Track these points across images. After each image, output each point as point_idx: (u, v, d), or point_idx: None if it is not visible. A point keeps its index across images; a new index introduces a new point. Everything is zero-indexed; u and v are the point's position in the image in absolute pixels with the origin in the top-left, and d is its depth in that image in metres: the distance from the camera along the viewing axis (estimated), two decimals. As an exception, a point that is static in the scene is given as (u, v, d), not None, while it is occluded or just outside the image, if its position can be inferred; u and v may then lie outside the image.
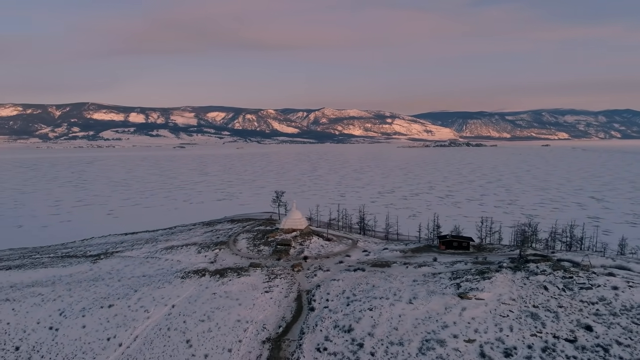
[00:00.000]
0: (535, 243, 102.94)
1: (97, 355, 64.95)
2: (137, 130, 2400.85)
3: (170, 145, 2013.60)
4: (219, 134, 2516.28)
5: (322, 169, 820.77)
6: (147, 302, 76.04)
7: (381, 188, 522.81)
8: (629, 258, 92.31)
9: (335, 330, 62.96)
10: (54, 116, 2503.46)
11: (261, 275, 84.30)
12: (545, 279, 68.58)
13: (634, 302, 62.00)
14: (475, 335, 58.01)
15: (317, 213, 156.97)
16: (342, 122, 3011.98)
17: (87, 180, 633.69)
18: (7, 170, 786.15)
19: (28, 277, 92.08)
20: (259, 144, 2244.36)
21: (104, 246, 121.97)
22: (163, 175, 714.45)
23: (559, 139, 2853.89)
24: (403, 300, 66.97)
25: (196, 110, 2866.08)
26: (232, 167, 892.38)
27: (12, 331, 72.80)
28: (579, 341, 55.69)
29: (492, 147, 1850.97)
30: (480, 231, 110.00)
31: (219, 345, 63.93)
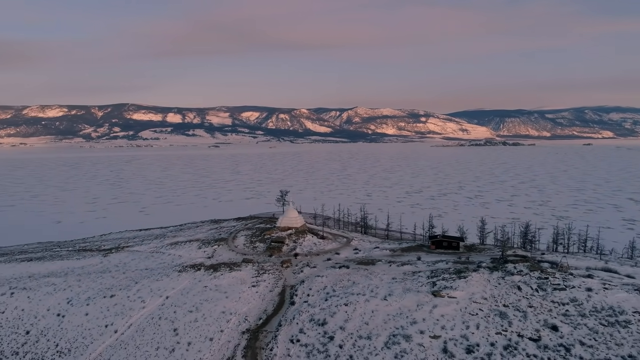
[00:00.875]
0: (528, 244, 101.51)
1: (95, 340, 70.45)
2: (174, 130, 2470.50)
3: (205, 145, 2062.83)
4: (252, 134, 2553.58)
5: (352, 169, 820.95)
6: (145, 294, 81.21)
7: (409, 188, 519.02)
8: (635, 261, 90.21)
9: (310, 323, 65.73)
10: (97, 117, 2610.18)
11: (251, 270, 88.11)
12: (520, 279, 68.78)
13: (606, 304, 61.52)
14: (441, 331, 59.35)
15: (322, 211, 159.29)
16: (375, 121, 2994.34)
17: (123, 178, 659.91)
18: (52, 169, 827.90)
19: (45, 268, 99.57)
20: (291, 143, 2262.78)
21: (118, 241, 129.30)
22: (196, 174, 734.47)
23: (603, 137, 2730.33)
24: (378, 296, 68.91)
25: (231, 110, 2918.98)
26: (263, 166, 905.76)
27: (25, 317, 79.60)
28: (543, 340, 56.13)
29: (529, 147, 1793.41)
30: (481, 231, 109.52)
31: (202, 334, 68.04)
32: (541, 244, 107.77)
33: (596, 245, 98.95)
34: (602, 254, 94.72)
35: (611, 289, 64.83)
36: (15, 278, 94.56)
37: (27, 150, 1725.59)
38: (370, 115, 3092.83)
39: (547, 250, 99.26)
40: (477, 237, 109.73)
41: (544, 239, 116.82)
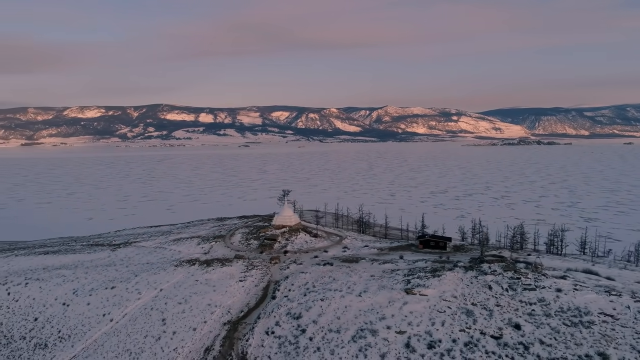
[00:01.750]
0: (519, 245, 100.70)
1: (92, 328, 76.21)
2: (206, 130, 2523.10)
3: (235, 144, 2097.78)
4: (282, 133, 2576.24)
5: (378, 168, 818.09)
6: (142, 286, 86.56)
7: (435, 188, 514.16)
8: (625, 264, 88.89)
9: (286, 316, 69.01)
10: (132, 117, 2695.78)
11: (241, 266, 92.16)
12: (492, 278, 69.69)
13: (573, 304, 61.86)
14: (407, 327, 61.36)
15: (325, 209, 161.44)
16: (405, 120, 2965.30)
17: (154, 177, 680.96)
18: (88, 168, 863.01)
19: (58, 261, 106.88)
20: (320, 143, 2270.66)
21: (129, 237, 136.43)
22: (224, 173, 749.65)
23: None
24: (354, 293, 71.39)
25: (261, 110, 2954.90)
26: (290, 165, 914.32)
27: (35, 305, 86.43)
28: (504, 338, 57.30)
29: (565, 146, 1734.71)
30: (477, 232, 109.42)
31: (187, 324, 72.51)
32: (541, 245, 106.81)
33: (593, 247, 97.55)
34: (599, 257, 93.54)
35: (581, 290, 65.01)
36: (31, 269, 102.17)
37: (66, 150, 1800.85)
38: (400, 114, 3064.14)
39: (537, 252, 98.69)
40: (477, 238, 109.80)
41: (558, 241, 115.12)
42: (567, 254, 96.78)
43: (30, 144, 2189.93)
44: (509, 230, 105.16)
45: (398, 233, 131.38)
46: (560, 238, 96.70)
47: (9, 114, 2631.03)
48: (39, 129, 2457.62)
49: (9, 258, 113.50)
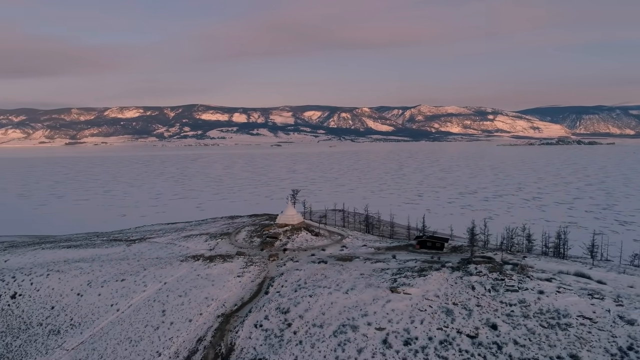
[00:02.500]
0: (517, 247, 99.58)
1: (100, 317, 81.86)
2: (239, 130, 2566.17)
3: (268, 144, 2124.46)
4: (314, 133, 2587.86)
5: (408, 168, 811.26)
6: (149, 279, 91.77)
7: (464, 189, 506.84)
8: (624, 268, 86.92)
9: (275, 311, 72.08)
10: (169, 117, 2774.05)
11: (241, 262, 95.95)
12: (477, 279, 70.26)
13: (552, 306, 61.88)
14: (387, 324, 63.12)
15: (335, 207, 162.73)
16: (439, 120, 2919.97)
17: (187, 175, 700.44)
18: (125, 166, 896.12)
19: (78, 255, 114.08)
20: (352, 142, 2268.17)
21: (145, 233, 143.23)
22: (254, 172, 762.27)
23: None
24: (341, 290, 73.60)
25: (293, 109, 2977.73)
26: (319, 165, 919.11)
27: (53, 294, 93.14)
28: (479, 337, 58.20)
29: (608, 146, 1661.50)
30: (483, 232, 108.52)
31: (184, 316, 76.83)
32: (538, 247, 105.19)
33: (605, 250, 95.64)
34: (606, 260, 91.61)
35: (564, 293, 64.85)
36: (53, 262, 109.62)
37: (106, 149, 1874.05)
38: (434, 114, 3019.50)
39: (535, 254, 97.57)
40: (481, 240, 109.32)
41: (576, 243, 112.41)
42: (572, 256, 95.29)
43: (74, 143, 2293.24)
44: (508, 231, 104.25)
45: (406, 232, 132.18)
46: (563, 241, 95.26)
47: (54, 115, 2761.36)
48: (82, 128, 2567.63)
49: (36, 251, 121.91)
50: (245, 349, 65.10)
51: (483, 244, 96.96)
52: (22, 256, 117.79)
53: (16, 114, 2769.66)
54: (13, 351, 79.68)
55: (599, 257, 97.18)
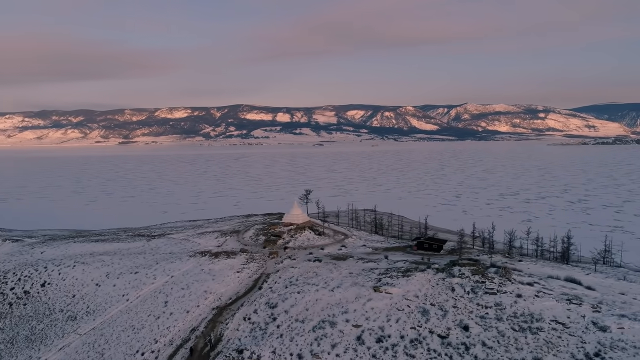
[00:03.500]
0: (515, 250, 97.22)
1: (112, 306, 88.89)
2: (282, 129, 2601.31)
3: (310, 143, 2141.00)
4: (357, 132, 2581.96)
5: (450, 168, 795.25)
6: (158, 272, 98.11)
7: (505, 190, 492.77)
8: (624, 275, 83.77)
9: (264, 305, 75.70)
10: (215, 117, 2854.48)
11: (243, 258, 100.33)
12: (458, 281, 70.52)
13: (527, 310, 61.55)
14: (364, 322, 65.10)
15: (348, 208, 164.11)
16: (486, 118, 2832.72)
17: (228, 174, 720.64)
18: (171, 165, 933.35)
19: (103, 248, 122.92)
20: (395, 142, 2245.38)
21: (168, 229, 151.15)
22: (294, 171, 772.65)
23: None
24: (328, 287, 76.07)
25: (336, 109, 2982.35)
26: (359, 164, 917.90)
27: (76, 284, 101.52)
28: (449, 338, 59.08)
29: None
30: (472, 236, 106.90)
31: (183, 307, 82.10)
32: (551, 253, 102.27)
33: (604, 255, 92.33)
34: (614, 266, 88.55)
35: (542, 297, 64.22)
36: (80, 254, 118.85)
37: (156, 148, 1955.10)
38: (480, 112, 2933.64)
39: (530, 257, 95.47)
40: (487, 243, 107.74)
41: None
42: (579, 260, 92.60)
43: (126, 142, 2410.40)
44: (507, 234, 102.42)
45: (418, 233, 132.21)
46: (567, 245, 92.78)
47: (109, 115, 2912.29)
48: (134, 128, 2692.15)
49: (69, 244, 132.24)
50: (231, 340, 69.18)
51: (459, 247, 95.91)
52: (56, 248, 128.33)
53: (75, 115, 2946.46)
54: (36, 334, 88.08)
55: (612, 263, 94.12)
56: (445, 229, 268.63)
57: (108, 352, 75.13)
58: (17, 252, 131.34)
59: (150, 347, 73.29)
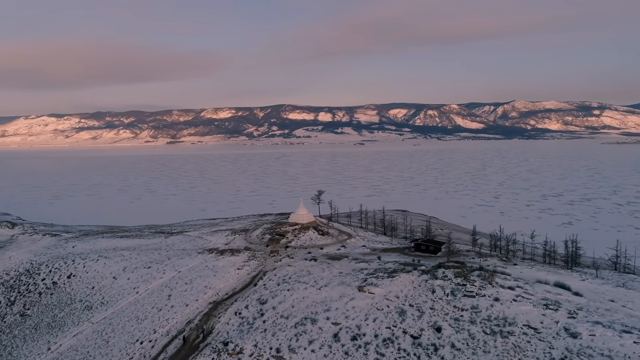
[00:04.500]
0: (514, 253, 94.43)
1: (123, 297, 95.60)
2: (324, 128, 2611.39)
3: (351, 142, 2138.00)
4: (399, 131, 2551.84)
5: (492, 168, 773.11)
6: (168, 268, 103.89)
7: (548, 191, 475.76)
8: (624, 281, 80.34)
9: (255, 302, 79.03)
10: (258, 117, 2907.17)
11: (245, 256, 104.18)
12: (440, 283, 70.59)
13: (502, 314, 61.16)
14: (343, 320, 66.94)
15: (360, 209, 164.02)
16: (535, 116, 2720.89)
17: (267, 173, 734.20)
18: (213, 164, 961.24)
19: (126, 244, 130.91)
20: (438, 141, 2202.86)
21: (187, 227, 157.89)
22: (332, 170, 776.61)
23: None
24: (316, 286, 78.24)
25: (378, 107, 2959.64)
26: (398, 164, 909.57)
27: (97, 277, 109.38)
28: (421, 338, 59.89)
29: None
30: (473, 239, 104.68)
31: (183, 300, 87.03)
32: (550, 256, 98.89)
33: (615, 261, 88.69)
34: (626, 272, 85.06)
35: (520, 302, 63.46)
36: (105, 249, 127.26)
37: (201, 147, 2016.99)
38: (529, 109, 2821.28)
39: (527, 261, 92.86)
40: (494, 246, 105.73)
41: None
42: (590, 265, 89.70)
43: (174, 142, 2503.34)
44: (501, 237, 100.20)
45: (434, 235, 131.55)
46: (573, 249, 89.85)
47: (158, 116, 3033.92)
48: (181, 128, 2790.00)
49: (97, 239, 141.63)
50: (220, 333, 73.06)
51: (448, 250, 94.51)
52: (86, 243, 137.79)
53: (126, 116, 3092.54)
54: (56, 321, 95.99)
55: (623, 268, 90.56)
56: (476, 231, 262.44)
57: (113, 339, 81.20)
58: (53, 246, 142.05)
59: (149, 337, 78.59)
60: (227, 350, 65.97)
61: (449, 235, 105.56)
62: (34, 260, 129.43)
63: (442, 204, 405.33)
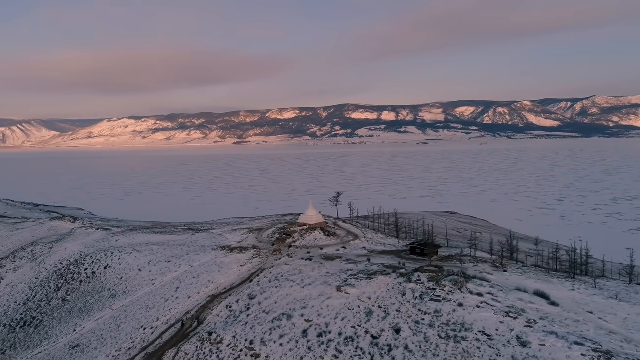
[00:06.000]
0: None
1: (142, 288, 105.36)
2: (387, 128, 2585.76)
3: (415, 142, 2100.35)
4: (466, 129, 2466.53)
5: (562, 169, 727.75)
6: (184, 262, 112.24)
7: (622, 194, 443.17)
8: (616, 295, 75.16)
9: (245, 297, 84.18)
10: (321, 117, 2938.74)
11: (250, 254, 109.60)
12: (413, 287, 70.96)
13: (461, 319, 61.12)
14: (316, 317, 70.00)
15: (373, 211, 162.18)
16: (619, 112, 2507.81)
17: (324, 173, 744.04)
18: (274, 163, 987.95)
19: (157, 239, 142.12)
20: (508, 140, 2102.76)
21: (213, 224, 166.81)
22: (389, 170, 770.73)
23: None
24: (301, 285, 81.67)
25: (444, 105, 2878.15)
26: (460, 164, 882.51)
27: (126, 268, 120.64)
28: (380, 339, 61.59)
29: None
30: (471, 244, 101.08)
31: (187, 293, 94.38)
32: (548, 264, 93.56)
33: (630, 272, 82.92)
34: (619, 280, 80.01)
35: (483, 308, 62.74)
36: (139, 243, 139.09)
37: (265, 147, 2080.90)
38: (612, 105, 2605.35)
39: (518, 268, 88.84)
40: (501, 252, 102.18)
41: None
42: (600, 275, 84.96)
43: (240, 142, 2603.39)
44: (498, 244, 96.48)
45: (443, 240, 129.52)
46: (573, 257, 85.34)
47: (226, 117, 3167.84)
48: (247, 129, 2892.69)
49: (137, 234, 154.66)
50: (209, 323, 79.14)
51: (491, 254, 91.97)
52: (127, 237, 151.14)
53: (197, 117, 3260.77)
54: (87, 307, 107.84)
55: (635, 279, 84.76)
56: (523, 235, 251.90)
57: (123, 325, 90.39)
58: (102, 240, 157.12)
59: (152, 324, 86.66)
60: (210, 339, 71.82)
61: (474, 238, 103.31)
62: (83, 252, 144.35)
63: (498, 206, 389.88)
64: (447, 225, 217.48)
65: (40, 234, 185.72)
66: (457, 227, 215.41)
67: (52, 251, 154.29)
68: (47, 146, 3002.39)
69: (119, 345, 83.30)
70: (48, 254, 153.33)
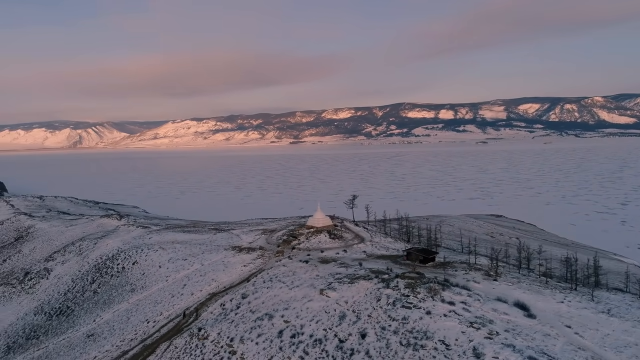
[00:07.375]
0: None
1: (157, 284, 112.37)
2: (445, 126, 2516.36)
3: (474, 141, 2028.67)
4: (529, 128, 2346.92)
5: (633, 170, 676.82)
6: (197, 261, 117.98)
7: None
8: (607, 306, 69.65)
9: (239, 296, 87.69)
10: (377, 116, 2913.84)
11: (255, 255, 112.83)
12: (389, 292, 70.57)
13: (425, 327, 60.77)
14: (293, 319, 72.00)
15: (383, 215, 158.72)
16: None
17: (374, 174, 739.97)
18: (326, 163, 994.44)
19: (182, 238, 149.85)
20: (576, 138, 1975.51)
21: (238, 225, 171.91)
22: (441, 171, 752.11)
23: None
24: (290, 286, 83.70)
25: (506, 103, 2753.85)
26: (518, 164, 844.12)
27: (150, 265, 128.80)
28: (345, 343, 62.58)
29: None
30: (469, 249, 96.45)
31: (191, 290, 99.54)
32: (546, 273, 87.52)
33: (626, 283, 76.45)
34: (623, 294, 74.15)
35: (450, 317, 61.52)
36: (166, 241, 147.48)
37: (320, 147, 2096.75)
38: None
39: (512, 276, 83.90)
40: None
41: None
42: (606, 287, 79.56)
43: (296, 142, 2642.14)
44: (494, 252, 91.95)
45: (457, 244, 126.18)
46: (574, 268, 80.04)
47: (282, 118, 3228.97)
48: (303, 129, 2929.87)
49: (167, 233, 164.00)
50: (202, 320, 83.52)
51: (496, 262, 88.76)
52: (158, 235, 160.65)
53: (255, 118, 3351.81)
54: (110, 299, 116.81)
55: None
56: (570, 241, 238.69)
57: (132, 317, 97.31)
58: (139, 237, 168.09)
59: (155, 318, 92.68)
60: (198, 334, 76.10)
61: (473, 244, 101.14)
62: (120, 248, 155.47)
63: (551, 210, 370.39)
64: (481, 230, 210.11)
65: (90, 230, 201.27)
66: (492, 231, 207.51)
67: (95, 246, 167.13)
68: (117, 147, 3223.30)
69: (124, 336, 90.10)
70: (92, 249, 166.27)
